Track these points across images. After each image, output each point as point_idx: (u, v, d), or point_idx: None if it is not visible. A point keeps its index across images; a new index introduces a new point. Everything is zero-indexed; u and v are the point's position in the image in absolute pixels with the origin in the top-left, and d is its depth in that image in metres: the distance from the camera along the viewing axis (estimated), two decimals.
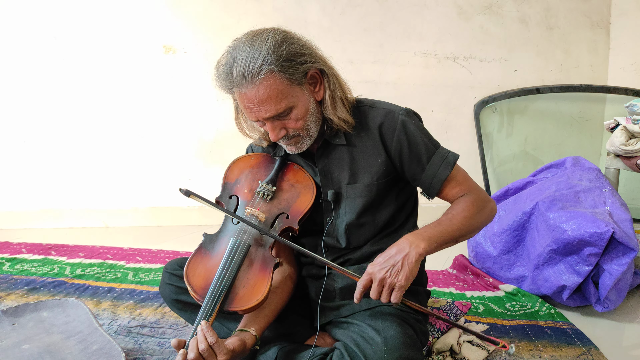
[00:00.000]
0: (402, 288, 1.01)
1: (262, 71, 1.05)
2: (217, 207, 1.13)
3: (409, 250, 1.04)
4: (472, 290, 1.96)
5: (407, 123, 1.19)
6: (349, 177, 1.22)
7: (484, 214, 1.19)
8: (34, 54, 2.86)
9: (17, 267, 2.21)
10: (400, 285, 1.01)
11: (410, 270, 1.02)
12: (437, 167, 1.20)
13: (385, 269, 1.02)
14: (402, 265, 1.02)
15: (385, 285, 1.02)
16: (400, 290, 1.01)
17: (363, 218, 1.23)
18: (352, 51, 3.03)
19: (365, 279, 1.04)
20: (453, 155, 1.23)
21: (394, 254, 1.05)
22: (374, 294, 1.03)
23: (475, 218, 1.16)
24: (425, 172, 1.21)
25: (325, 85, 1.17)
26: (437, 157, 1.21)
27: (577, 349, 1.46)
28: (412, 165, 1.21)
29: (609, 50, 3.22)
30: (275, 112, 1.09)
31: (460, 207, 1.17)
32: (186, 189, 1.07)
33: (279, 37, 1.08)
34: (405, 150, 1.19)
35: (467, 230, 1.15)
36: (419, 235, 1.08)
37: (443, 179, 1.20)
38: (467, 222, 1.14)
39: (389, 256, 1.05)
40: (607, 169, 2.18)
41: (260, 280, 1.12)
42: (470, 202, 1.18)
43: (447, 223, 1.13)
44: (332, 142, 1.23)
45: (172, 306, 1.33)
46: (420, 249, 1.04)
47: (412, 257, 1.03)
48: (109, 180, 3.02)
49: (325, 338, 1.26)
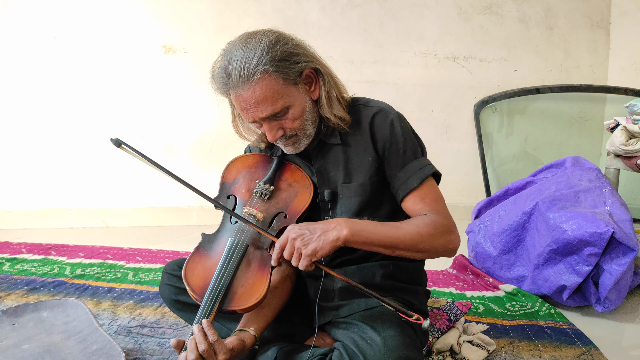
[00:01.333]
0: (307, 257, 1.00)
1: (257, 72, 1.05)
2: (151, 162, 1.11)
3: (331, 229, 1.03)
4: (472, 290, 1.96)
5: (395, 122, 1.19)
6: (344, 176, 1.22)
7: (438, 241, 1.11)
8: (34, 54, 2.86)
9: (17, 267, 2.21)
10: (306, 254, 1.00)
11: (322, 246, 1.01)
12: (408, 176, 1.17)
13: (300, 233, 1.03)
14: (317, 238, 1.02)
15: (294, 249, 1.02)
16: (306, 258, 1.00)
17: (360, 217, 1.22)
18: (352, 51, 3.03)
19: (283, 237, 1.04)
20: (430, 169, 1.18)
21: (317, 226, 1.05)
22: (286, 254, 1.03)
23: (426, 239, 1.09)
24: (397, 177, 1.18)
25: (321, 84, 1.17)
26: (413, 165, 1.18)
27: (577, 349, 1.46)
28: (390, 164, 1.20)
29: (609, 50, 3.22)
30: (272, 112, 1.09)
31: (414, 222, 1.11)
32: (117, 139, 1.06)
33: (273, 38, 1.08)
34: (387, 147, 1.19)
35: (410, 246, 1.08)
36: (350, 222, 1.06)
37: (409, 189, 1.16)
38: (414, 238, 1.08)
39: (312, 225, 1.05)
40: (607, 169, 2.18)
41: (258, 280, 1.12)
42: (429, 222, 1.11)
43: (390, 228, 1.09)
44: (327, 141, 1.23)
45: (171, 307, 1.33)
46: (341, 234, 1.03)
47: (330, 236, 1.02)
48: (109, 180, 3.02)
49: (325, 338, 1.26)
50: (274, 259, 1.06)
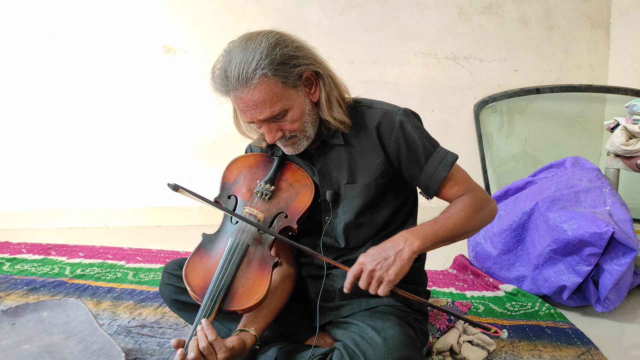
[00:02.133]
0: (391, 283, 1.00)
1: (255, 75, 1.05)
2: (209, 203, 1.12)
3: (403, 246, 1.03)
4: (472, 290, 1.96)
5: (404, 123, 1.19)
6: (347, 177, 1.22)
7: (482, 214, 1.17)
8: (34, 54, 2.86)
9: (17, 267, 2.21)
10: (389, 280, 1.00)
11: (401, 266, 1.01)
12: (435, 168, 1.19)
13: (377, 262, 1.02)
14: (394, 261, 1.01)
15: (374, 277, 1.01)
16: (389, 284, 1.00)
17: (361, 218, 1.23)
18: (352, 51, 3.03)
19: (356, 268, 1.04)
20: (452, 155, 1.21)
21: (387, 248, 1.04)
22: (363, 284, 1.02)
23: (474, 218, 1.15)
24: (423, 173, 1.20)
25: (321, 86, 1.17)
26: (435, 157, 1.20)
27: (577, 349, 1.46)
28: (410, 166, 1.21)
29: (609, 50, 3.22)
30: (270, 115, 1.09)
31: (458, 207, 1.15)
32: (174, 184, 1.06)
33: (273, 41, 1.08)
34: (403, 150, 1.19)
35: (464, 229, 1.14)
36: (414, 232, 1.07)
37: (441, 179, 1.19)
38: (465, 221, 1.13)
39: (383, 249, 1.04)
40: (607, 169, 2.18)
41: (259, 280, 1.12)
42: (469, 202, 1.16)
43: (443, 222, 1.12)
44: (330, 142, 1.23)
45: (171, 306, 1.33)
46: (414, 247, 1.03)
47: (405, 254, 1.02)
48: (109, 180, 3.02)
49: (325, 338, 1.26)
50: (347, 289, 1.05)
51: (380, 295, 1.02)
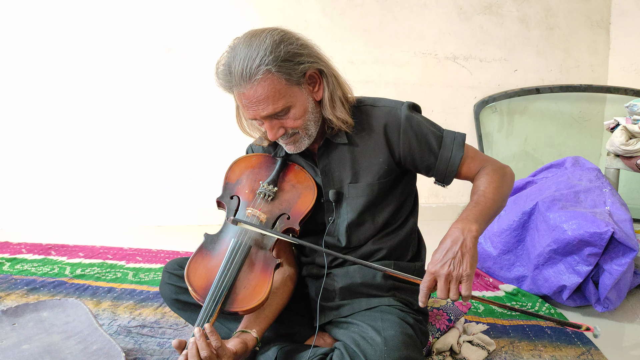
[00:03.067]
0: (470, 277, 0.97)
1: (259, 71, 1.05)
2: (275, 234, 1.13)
3: (464, 236, 1.01)
4: (472, 291, 1.96)
5: (410, 117, 1.20)
6: (351, 176, 1.22)
7: (507, 179, 1.20)
8: (34, 54, 2.85)
9: (17, 267, 2.21)
10: (467, 274, 0.97)
11: (472, 256, 0.98)
12: (450, 150, 1.21)
13: (447, 263, 0.98)
14: (463, 254, 0.99)
15: (452, 279, 0.97)
16: (469, 280, 0.97)
17: (363, 217, 1.23)
18: (352, 51, 3.03)
19: (428, 279, 1.00)
20: (460, 135, 1.24)
21: (450, 246, 1.01)
22: (443, 293, 0.98)
23: (503, 186, 1.17)
24: (440, 158, 1.21)
25: (324, 85, 1.17)
26: (446, 141, 1.22)
27: (577, 349, 1.46)
28: (424, 156, 1.21)
29: (609, 50, 3.22)
30: (273, 111, 1.10)
31: (486, 181, 1.17)
32: (234, 218, 1.09)
33: (277, 38, 1.08)
34: (414, 143, 1.20)
35: (501, 199, 1.15)
36: (465, 219, 1.05)
37: (459, 160, 1.21)
38: (498, 191, 1.15)
39: (446, 249, 1.01)
40: (607, 169, 2.18)
41: (261, 281, 1.12)
42: (492, 172, 1.19)
43: (483, 200, 1.12)
44: (333, 141, 1.23)
45: (172, 306, 1.33)
46: (473, 232, 1.02)
47: (468, 242, 1.00)
48: (109, 180, 3.02)
49: (325, 338, 1.26)
50: (422, 302, 1.01)
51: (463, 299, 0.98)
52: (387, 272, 1.07)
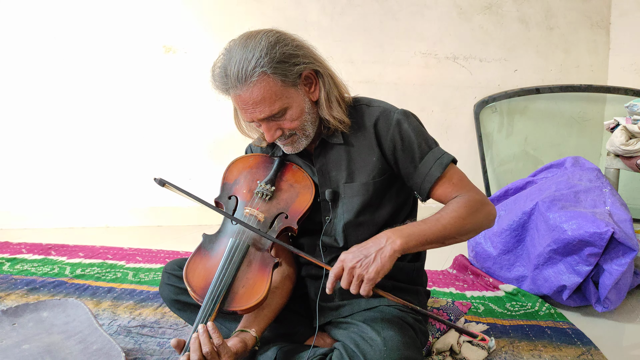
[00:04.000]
0: (371, 281, 0.97)
1: (255, 73, 1.05)
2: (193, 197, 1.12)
3: (385, 244, 1.00)
4: (472, 290, 1.96)
5: (401, 122, 1.19)
6: (346, 176, 1.22)
7: (478, 216, 1.12)
8: (34, 54, 2.86)
9: (17, 267, 2.21)
10: (369, 278, 0.97)
11: (382, 264, 0.98)
12: (429, 167, 1.17)
13: (357, 259, 1.00)
14: (374, 259, 0.99)
15: (355, 275, 0.99)
16: (369, 282, 0.98)
17: (361, 217, 1.22)
18: (352, 51, 3.03)
19: (337, 266, 1.01)
20: (448, 156, 1.19)
21: (369, 246, 1.02)
22: (344, 283, 1.00)
23: (467, 220, 1.09)
24: (417, 171, 1.18)
25: (321, 85, 1.17)
26: (430, 157, 1.18)
27: (577, 349, 1.46)
28: (405, 164, 1.19)
29: (609, 50, 3.22)
30: (270, 113, 1.10)
31: (450, 208, 1.11)
32: (160, 178, 1.07)
33: (273, 39, 1.08)
34: (399, 147, 1.18)
35: (457, 232, 1.08)
36: (398, 231, 1.04)
37: (434, 179, 1.16)
38: (457, 222, 1.08)
39: (364, 247, 1.02)
40: (607, 169, 2.18)
41: (259, 280, 1.12)
42: (463, 203, 1.11)
43: (432, 222, 1.07)
44: (329, 141, 1.23)
45: (171, 306, 1.33)
46: (396, 245, 1.00)
47: (386, 251, 0.99)
48: (109, 180, 3.02)
49: (325, 338, 1.26)
50: (329, 289, 1.02)
51: (362, 296, 0.99)
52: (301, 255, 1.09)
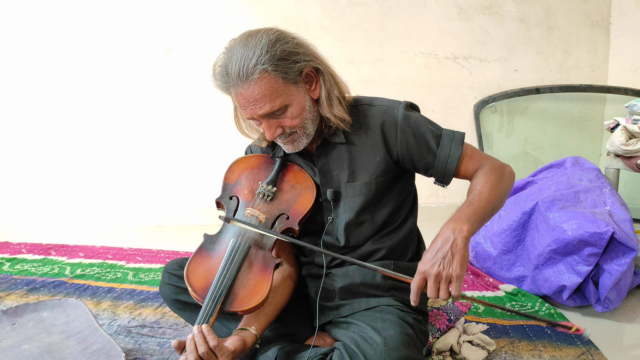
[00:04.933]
0: (459, 277, 0.96)
1: (256, 71, 1.06)
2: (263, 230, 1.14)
3: (454, 236, 1.00)
4: (472, 290, 1.97)
5: (407, 116, 1.20)
6: (348, 175, 1.22)
7: (505, 178, 1.17)
8: (34, 53, 2.85)
9: (17, 267, 2.21)
10: (457, 275, 0.96)
11: (462, 256, 0.97)
12: (449, 149, 1.19)
13: (437, 263, 0.98)
14: (453, 255, 0.98)
15: (442, 279, 0.97)
16: (458, 280, 0.96)
17: (362, 216, 1.23)
18: (352, 51, 3.03)
19: (419, 279, 0.99)
20: (459, 134, 1.22)
21: (440, 246, 1.00)
22: (432, 292, 0.97)
23: (500, 185, 1.14)
24: (438, 157, 1.20)
25: (321, 83, 1.17)
26: (445, 139, 1.20)
27: (577, 349, 1.46)
28: (422, 155, 1.20)
29: (609, 50, 3.22)
30: (270, 110, 1.10)
31: (482, 180, 1.14)
32: (225, 216, 1.11)
33: (273, 37, 1.09)
34: (412, 141, 1.19)
35: (498, 199, 1.13)
36: (458, 219, 1.03)
37: (457, 158, 1.19)
38: (495, 191, 1.12)
39: (436, 249, 1.00)
40: (607, 169, 2.18)
41: (260, 281, 1.12)
42: (489, 171, 1.16)
43: (477, 200, 1.09)
44: (331, 140, 1.23)
45: (172, 306, 1.33)
46: (464, 232, 1.00)
47: (459, 242, 0.99)
48: (109, 180, 3.02)
49: (325, 338, 1.26)
50: (413, 301, 1.00)
51: (453, 298, 0.97)
52: (380, 271, 1.06)
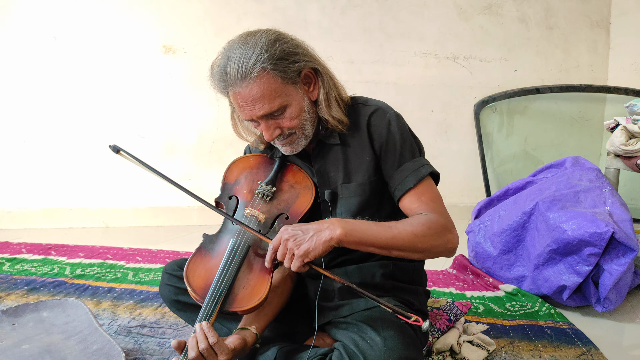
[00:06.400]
0: (299, 258, 0.99)
1: (255, 69, 1.05)
2: (149, 168, 1.14)
3: (324, 229, 1.02)
4: (472, 290, 1.96)
5: (392, 122, 1.19)
6: (343, 176, 1.22)
7: (435, 240, 1.08)
8: (34, 54, 2.86)
9: (17, 267, 2.21)
10: (298, 255, 0.99)
11: (315, 246, 0.99)
12: (405, 176, 1.15)
13: (293, 234, 1.02)
14: (310, 238, 1.00)
15: (287, 248, 1.01)
16: (298, 259, 0.99)
17: (360, 217, 1.22)
18: (352, 51, 3.03)
19: (276, 237, 1.04)
20: (427, 169, 1.16)
21: (310, 226, 1.04)
22: (279, 255, 1.03)
23: (422, 240, 1.06)
24: (393, 177, 1.18)
25: (320, 84, 1.17)
26: (408, 165, 1.16)
27: (577, 349, 1.46)
28: (386, 165, 1.19)
29: (609, 50, 3.22)
30: (269, 110, 1.09)
31: (409, 222, 1.09)
32: (114, 145, 1.06)
33: (273, 37, 1.09)
34: (384, 147, 1.18)
35: (406, 246, 1.06)
36: (343, 222, 1.04)
37: (405, 189, 1.14)
38: (408, 237, 1.05)
39: (306, 226, 1.04)
40: (607, 169, 2.18)
41: (260, 281, 1.12)
42: (424, 221, 1.08)
43: (383, 228, 1.06)
44: (326, 142, 1.23)
45: (171, 307, 1.33)
46: (334, 234, 1.01)
47: (322, 235, 1.01)
48: (109, 180, 3.02)
49: (325, 338, 1.26)
50: (267, 260, 1.06)
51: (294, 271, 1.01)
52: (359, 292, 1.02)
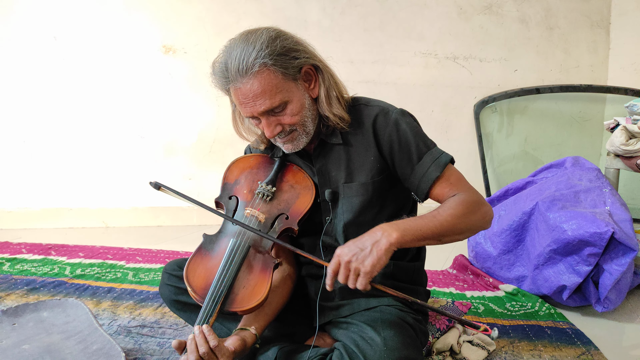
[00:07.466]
0: (367, 274, 0.96)
1: (256, 64, 1.06)
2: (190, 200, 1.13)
3: (380, 237, 0.99)
4: (472, 290, 1.97)
5: (399, 121, 1.19)
6: (345, 176, 1.22)
7: (474, 216, 1.11)
8: (34, 54, 2.86)
9: (17, 267, 2.21)
10: (365, 272, 0.96)
11: (378, 257, 0.97)
12: (427, 167, 1.16)
13: (352, 253, 0.99)
14: (370, 252, 0.98)
15: (351, 269, 0.98)
16: (365, 276, 0.96)
17: (361, 217, 1.22)
18: (352, 51, 3.03)
19: (334, 262, 1.00)
20: (445, 156, 1.18)
21: (364, 240, 1.01)
22: (341, 278, 0.99)
23: (463, 218, 1.08)
24: (414, 172, 1.17)
25: (320, 82, 1.17)
26: (427, 157, 1.17)
27: (577, 349, 1.46)
28: (402, 164, 1.19)
29: (609, 50, 3.22)
30: (270, 106, 1.10)
31: (447, 205, 1.10)
32: (155, 182, 1.09)
33: (273, 33, 1.10)
34: (396, 147, 1.18)
35: (452, 230, 1.07)
36: (394, 225, 1.02)
37: (432, 179, 1.15)
38: (453, 220, 1.07)
39: (360, 241, 1.01)
40: (607, 169, 2.18)
41: (260, 281, 1.12)
42: (460, 201, 1.11)
43: (429, 218, 1.06)
44: (328, 141, 1.23)
45: (171, 307, 1.33)
46: (392, 238, 0.99)
47: (382, 244, 0.98)
48: (109, 180, 3.02)
49: (325, 338, 1.26)
50: (328, 285, 1.01)
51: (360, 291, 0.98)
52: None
